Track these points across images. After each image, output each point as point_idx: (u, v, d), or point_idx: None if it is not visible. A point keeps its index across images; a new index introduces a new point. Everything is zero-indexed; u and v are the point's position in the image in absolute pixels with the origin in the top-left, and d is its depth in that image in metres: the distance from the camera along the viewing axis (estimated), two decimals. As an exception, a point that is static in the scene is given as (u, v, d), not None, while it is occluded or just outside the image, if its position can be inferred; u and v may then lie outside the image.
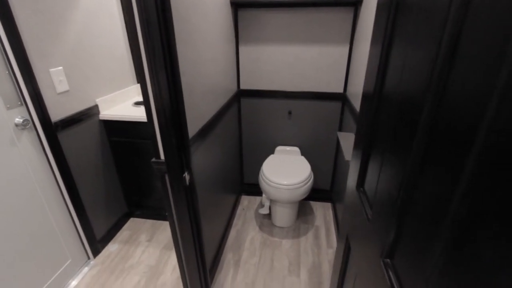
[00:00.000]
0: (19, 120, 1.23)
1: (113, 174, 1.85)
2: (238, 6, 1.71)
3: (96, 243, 1.71)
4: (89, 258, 1.68)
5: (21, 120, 1.23)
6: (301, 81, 1.87)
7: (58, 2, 1.37)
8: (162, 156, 0.99)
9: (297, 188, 1.68)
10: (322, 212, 2.11)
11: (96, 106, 1.66)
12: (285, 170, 1.79)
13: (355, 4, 1.59)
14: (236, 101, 1.94)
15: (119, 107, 1.82)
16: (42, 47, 1.29)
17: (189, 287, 1.34)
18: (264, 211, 1.97)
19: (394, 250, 0.54)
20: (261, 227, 1.96)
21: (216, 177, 1.54)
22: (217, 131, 1.50)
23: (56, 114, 1.39)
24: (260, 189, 1.86)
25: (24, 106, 1.26)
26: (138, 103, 1.86)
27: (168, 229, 1.94)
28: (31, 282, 1.32)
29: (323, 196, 2.22)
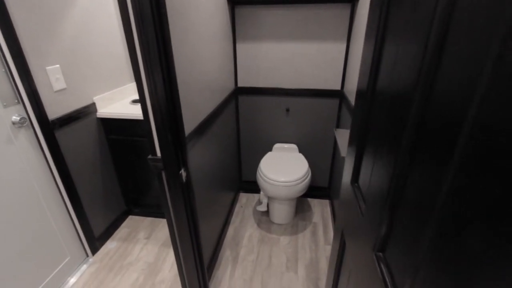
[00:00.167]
0: (16, 118, 1.23)
1: (111, 172, 1.85)
2: (235, 3, 1.71)
3: (95, 240, 1.72)
4: (87, 256, 1.69)
5: (18, 118, 1.23)
6: (298, 78, 1.88)
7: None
8: (158, 153, 1.00)
9: (294, 185, 1.69)
10: (320, 209, 2.12)
11: (93, 104, 1.66)
12: (283, 167, 1.80)
13: (352, 0, 1.59)
14: (234, 99, 1.95)
15: (117, 105, 1.82)
16: (38, 45, 1.29)
17: (187, 284, 1.35)
18: (262, 208, 1.97)
19: (385, 243, 0.54)
20: (259, 224, 1.97)
21: (214, 174, 1.55)
22: (214, 128, 1.51)
23: (54, 112, 1.40)
24: (258, 186, 1.87)
25: (21, 104, 1.26)
26: (136, 101, 1.87)
27: (167, 227, 1.94)
28: (29, 280, 1.33)
29: (321, 193, 2.23)
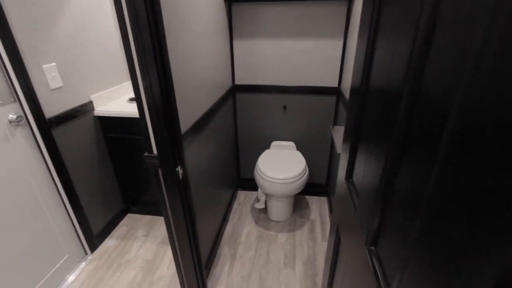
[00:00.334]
0: (12, 116, 1.23)
1: (109, 170, 1.85)
2: (232, 0, 1.71)
3: (93, 238, 1.72)
4: (86, 254, 1.70)
5: (15, 117, 1.23)
6: (296, 75, 1.88)
7: (49, -3, 1.36)
8: (154, 150, 1.00)
9: (292, 182, 1.70)
10: (318, 206, 2.13)
11: (90, 102, 1.66)
12: (280, 165, 1.80)
13: (348, -3, 1.59)
14: (231, 96, 1.95)
15: (114, 103, 1.82)
16: (34, 43, 1.29)
17: (185, 281, 1.35)
18: (260, 205, 1.98)
19: (377, 237, 0.55)
20: (257, 221, 1.97)
21: (211, 172, 1.55)
22: (212, 126, 1.51)
23: (50, 110, 1.40)
24: (256, 184, 1.87)
25: (17, 103, 1.26)
26: (133, 99, 1.87)
27: (165, 224, 1.95)
28: (28, 277, 1.34)
29: (318, 191, 2.23)
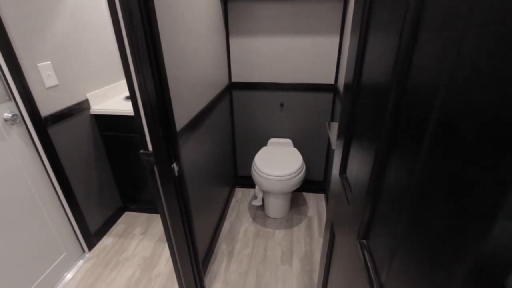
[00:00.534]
0: (8, 115, 1.23)
1: (106, 168, 1.85)
2: (227, -2, 1.71)
3: (91, 236, 1.73)
4: (84, 252, 1.70)
5: (10, 115, 1.23)
6: (292, 72, 1.88)
7: (44, -5, 1.36)
8: (150, 147, 1.01)
9: (289, 179, 1.70)
10: (315, 202, 2.14)
11: (86, 100, 1.66)
12: (277, 162, 1.81)
13: (344, -6, 1.59)
14: (228, 94, 1.95)
15: (111, 101, 1.82)
16: (29, 41, 1.29)
17: (182, 278, 1.36)
18: (257, 202, 1.99)
19: (368, 230, 0.56)
20: (254, 218, 1.98)
21: (208, 169, 1.56)
22: (208, 123, 1.51)
23: (46, 108, 1.40)
24: (253, 181, 1.88)
25: (12, 101, 1.26)
26: (129, 97, 1.86)
27: (163, 222, 1.96)
28: (26, 275, 1.34)
29: (316, 187, 2.24)
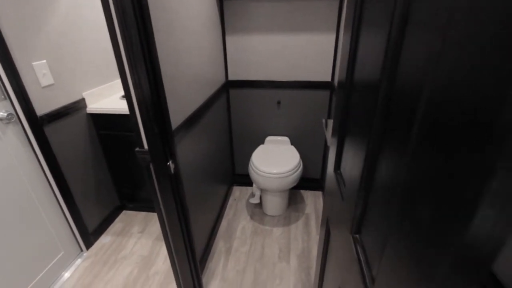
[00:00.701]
0: (3, 114, 1.23)
1: (103, 167, 1.85)
2: (223, -5, 1.70)
3: (89, 235, 1.73)
4: (81, 250, 1.70)
5: (5, 114, 1.23)
6: (289, 70, 1.88)
7: (38, -6, 1.35)
8: (145, 145, 1.01)
9: (286, 176, 1.71)
10: (313, 200, 2.14)
11: (83, 99, 1.66)
12: (274, 159, 1.81)
13: (339, -9, 1.59)
14: (225, 92, 1.95)
15: (107, 100, 1.81)
16: (24, 40, 1.28)
17: (179, 276, 1.37)
18: (255, 200, 1.99)
19: (361, 225, 0.56)
20: (252, 216, 1.99)
21: (205, 167, 1.56)
22: (204, 121, 1.51)
23: (42, 107, 1.39)
24: (251, 179, 1.88)
25: (8, 100, 1.26)
26: (126, 96, 1.86)
27: (161, 221, 1.96)
28: (23, 274, 1.34)
29: (313, 185, 2.25)
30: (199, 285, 1.44)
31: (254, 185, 2.04)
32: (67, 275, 1.56)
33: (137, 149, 1.03)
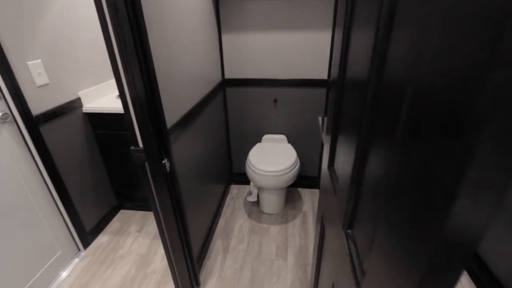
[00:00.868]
0: (-2, 113, 1.22)
1: (100, 167, 1.85)
2: (219, -7, 1.70)
3: (86, 235, 1.73)
4: (79, 250, 1.70)
5: (0, 114, 1.23)
6: (286, 68, 1.88)
7: (32, -7, 1.35)
8: (140, 143, 1.01)
9: (283, 174, 1.71)
10: (310, 198, 2.15)
11: (78, 99, 1.65)
12: (271, 158, 1.82)
13: (335, -11, 1.59)
14: (221, 90, 1.95)
15: (103, 99, 1.81)
16: (18, 39, 1.28)
17: (177, 274, 1.37)
18: (252, 198, 2.00)
19: (353, 220, 0.57)
20: (249, 214, 1.99)
21: (202, 166, 1.56)
22: (200, 120, 1.51)
23: (37, 107, 1.39)
24: (248, 177, 1.89)
25: (2, 100, 1.25)
26: (122, 95, 1.86)
27: (158, 220, 1.96)
28: (21, 274, 1.34)
29: (311, 183, 2.25)
30: (196, 283, 1.44)
31: (251, 183, 2.04)
32: (64, 274, 1.56)
33: (132, 147, 1.03)
